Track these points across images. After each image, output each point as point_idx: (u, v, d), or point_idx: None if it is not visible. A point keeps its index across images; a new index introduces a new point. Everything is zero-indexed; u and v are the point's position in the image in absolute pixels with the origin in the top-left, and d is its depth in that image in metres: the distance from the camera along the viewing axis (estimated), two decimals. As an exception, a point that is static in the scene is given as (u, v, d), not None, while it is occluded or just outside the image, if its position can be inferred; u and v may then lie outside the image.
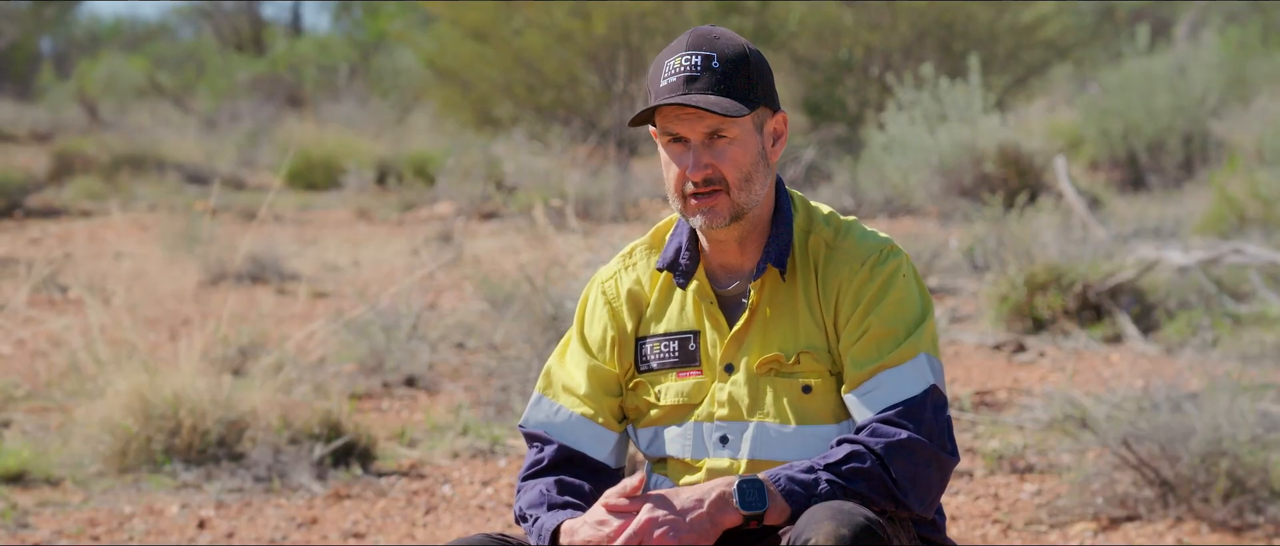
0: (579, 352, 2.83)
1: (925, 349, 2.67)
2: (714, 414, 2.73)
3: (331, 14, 36.72)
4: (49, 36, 35.03)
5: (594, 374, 2.81)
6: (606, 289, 2.84)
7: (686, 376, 2.76)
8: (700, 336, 2.75)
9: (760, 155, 2.69)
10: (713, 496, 2.54)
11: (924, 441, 2.61)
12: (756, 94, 2.68)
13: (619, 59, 15.38)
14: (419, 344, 6.98)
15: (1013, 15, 16.16)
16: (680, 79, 2.66)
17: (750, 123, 2.69)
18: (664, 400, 2.76)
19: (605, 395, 2.81)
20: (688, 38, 2.70)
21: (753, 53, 2.70)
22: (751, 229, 2.73)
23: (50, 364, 6.92)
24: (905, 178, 12.06)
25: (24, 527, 5.03)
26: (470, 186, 13.56)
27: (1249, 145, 13.13)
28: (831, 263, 2.72)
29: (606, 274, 2.85)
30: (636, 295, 2.82)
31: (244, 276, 9.74)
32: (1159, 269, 7.88)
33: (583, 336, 2.84)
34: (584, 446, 2.79)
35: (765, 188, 2.71)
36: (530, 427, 2.81)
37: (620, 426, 2.81)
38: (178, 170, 16.53)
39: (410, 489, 5.48)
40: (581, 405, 2.80)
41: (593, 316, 2.84)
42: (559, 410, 2.81)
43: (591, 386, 2.80)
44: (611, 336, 2.81)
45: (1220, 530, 4.76)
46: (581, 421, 2.79)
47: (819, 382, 2.70)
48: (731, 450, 2.72)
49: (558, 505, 2.71)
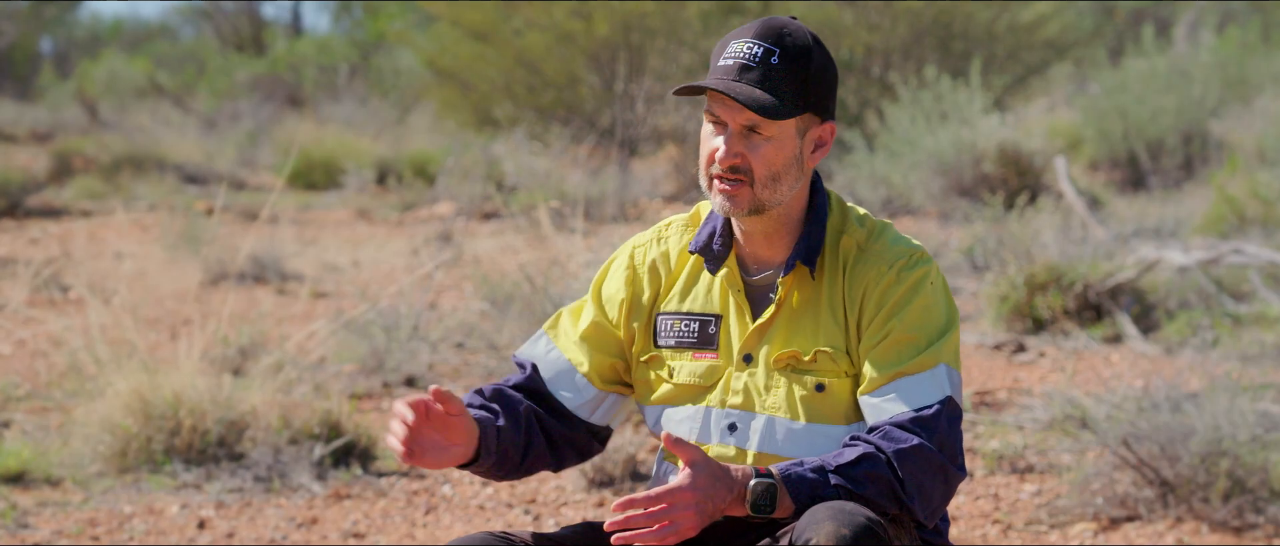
0: (589, 307, 2.85)
1: (946, 360, 2.66)
2: (727, 401, 2.73)
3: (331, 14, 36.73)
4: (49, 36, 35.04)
5: (595, 329, 2.82)
6: (635, 254, 2.85)
7: (702, 358, 2.76)
8: (722, 322, 2.75)
9: (795, 159, 2.67)
10: (736, 487, 2.52)
11: (934, 451, 2.60)
12: (807, 99, 2.65)
13: (619, 59, 15.38)
14: (419, 344, 6.98)
15: (1012, 15, 16.15)
16: (736, 64, 2.64)
17: (792, 126, 2.66)
18: (677, 378, 2.76)
19: (600, 352, 2.82)
20: (758, 24, 2.67)
21: (817, 56, 2.66)
22: (779, 225, 2.72)
23: (50, 364, 6.92)
24: (905, 177, 12.06)
25: (24, 527, 5.03)
26: (470, 186, 13.56)
27: (1249, 145, 13.12)
28: (860, 264, 2.71)
29: (640, 240, 2.86)
30: (660, 267, 2.82)
31: (244, 276, 9.74)
32: (1159, 269, 7.88)
33: (597, 291, 2.86)
34: (561, 388, 2.81)
35: (794, 190, 2.69)
36: (519, 357, 2.85)
37: (604, 386, 2.82)
38: (177, 170, 16.53)
39: (410, 489, 5.48)
40: (572, 351, 2.82)
41: (613, 275, 2.85)
42: (552, 350, 2.83)
43: (588, 339, 2.82)
44: (623, 298, 2.82)
45: (1220, 530, 4.76)
46: (567, 367, 2.81)
47: (833, 382, 2.69)
48: (738, 439, 2.72)
49: (475, 406, 2.73)
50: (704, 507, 2.49)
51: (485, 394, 2.78)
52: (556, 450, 2.82)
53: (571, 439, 2.83)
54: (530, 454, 2.77)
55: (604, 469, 5.38)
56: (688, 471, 2.49)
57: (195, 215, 11.28)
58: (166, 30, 40.20)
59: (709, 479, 2.50)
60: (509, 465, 2.75)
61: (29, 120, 23.64)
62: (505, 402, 2.77)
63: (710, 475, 2.50)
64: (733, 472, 2.52)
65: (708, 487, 2.49)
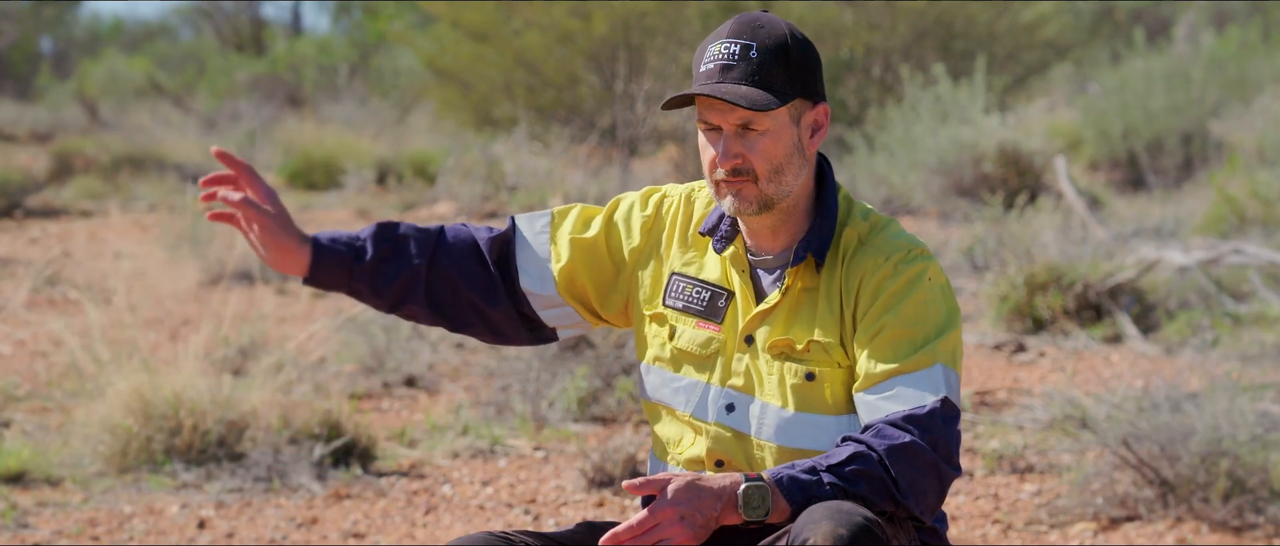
0: (598, 223, 2.84)
1: (943, 360, 2.65)
2: (727, 380, 2.73)
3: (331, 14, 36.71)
4: (49, 36, 35.04)
5: (591, 246, 2.82)
6: (663, 204, 2.84)
7: (705, 328, 2.76)
8: (733, 298, 2.75)
9: (795, 147, 2.68)
10: (727, 497, 2.52)
11: (927, 449, 2.59)
12: (794, 86, 2.66)
13: (619, 59, 15.38)
14: (419, 344, 6.98)
15: (1012, 15, 16.16)
16: (717, 67, 2.66)
17: (785, 115, 2.67)
18: (678, 341, 2.76)
19: (582, 264, 2.81)
20: (731, 24, 2.68)
21: (795, 42, 2.67)
22: (785, 217, 2.73)
23: (50, 364, 6.92)
24: (905, 177, 12.06)
25: (24, 527, 5.03)
26: (470, 186, 13.56)
27: (1249, 145, 13.12)
28: (858, 255, 2.71)
29: (671, 191, 2.85)
30: (680, 225, 2.82)
31: (244, 276, 9.74)
32: (1159, 269, 7.88)
33: (613, 217, 2.85)
34: (526, 266, 2.82)
35: (799, 178, 2.70)
36: (515, 218, 2.85)
37: (564, 295, 2.82)
38: (177, 170, 16.53)
39: (410, 489, 5.48)
40: (560, 244, 2.82)
41: (635, 216, 2.84)
42: (542, 233, 2.84)
43: (578, 247, 2.82)
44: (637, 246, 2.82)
45: (1220, 530, 4.76)
46: (545, 255, 2.82)
47: (823, 372, 2.69)
48: (736, 420, 2.72)
49: (354, 241, 2.77)
50: (692, 519, 2.47)
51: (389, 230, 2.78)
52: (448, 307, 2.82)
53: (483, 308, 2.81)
54: (405, 301, 2.79)
55: (604, 469, 5.38)
56: (665, 487, 2.49)
57: (195, 215, 11.27)
58: (166, 30, 40.19)
59: (688, 490, 2.49)
60: (376, 298, 2.78)
61: (29, 120, 23.65)
62: (397, 244, 2.77)
63: (688, 486, 2.49)
64: (717, 479, 2.51)
65: (688, 498, 2.48)
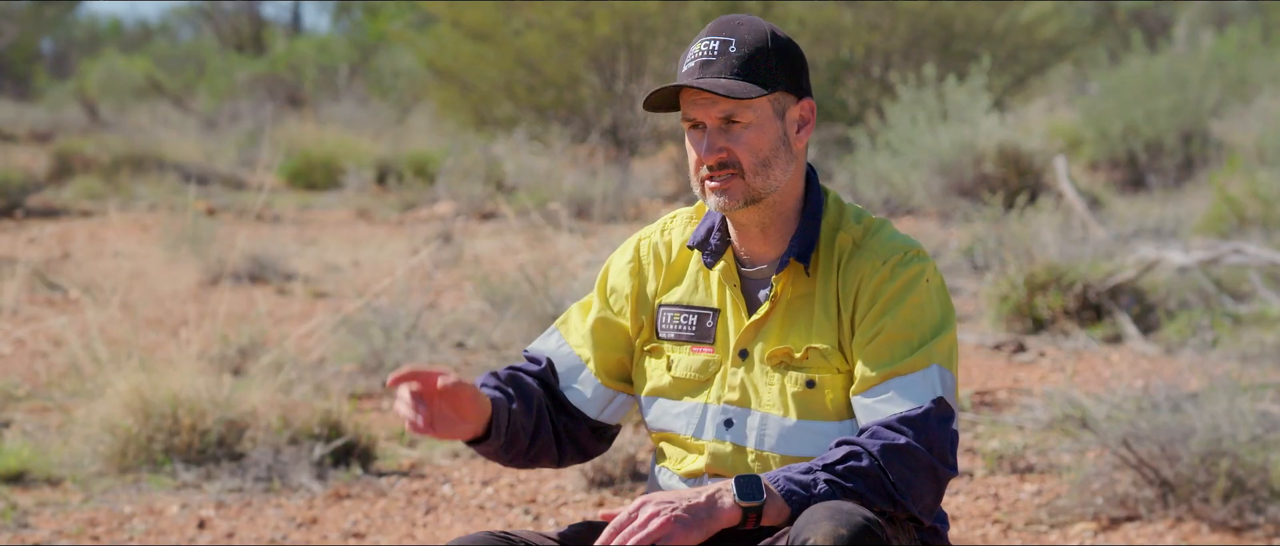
0: (595, 302, 2.86)
1: (938, 361, 2.65)
2: (723, 396, 2.73)
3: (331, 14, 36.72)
4: (49, 36, 35.05)
5: (602, 325, 2.83)
6: (640, 246, 2.86)
7: (700, 352, 2.76)
8: (719, 316, 2.76)
9: (781, 141, 2.69)
10: (710, 489, 2.54)
11: (922, 449, 2.59)
12: (776, 78, 2.67)
13: (620, 59, 15.38)
14: (419, 343, 6.98)
15: (1012, 15, 16.16)
16: (697, 64, 2.67)
17: (769, 107, 2.68)
18: (675, 372, 2.77)
19: (606, 348, 2.82)
20: (712, 24, 2.71)
21: (777, 38, 2.69)
22: (774, 217, 2.73)
23: (50, 364, 6.92)
24: (905, 177, 12.06)
25: (24, 527, 5.03)
26: (470, 186, 13.56)
27: (1249, 145, 13.13)
28: (855, 259, 2.71)
29: (646, 233, 2.87)
30: (662, 257, 2.83)
31: (243, 276, 9.74)
32: (1159, 269, 7.88)
33: (603, 286, 2.87)
34: (572, 383, 2.82)
35: (788, 174, 2.70)
36: (531, 351, 2.86)
37: (613, 383, 2.83)
38: (177, 170, 16.53)
39: (410, 489, 5.47)
40: (581, 348, 2.82)
41: (619, 270, 2.85)
42: (562, 345, 2.84)
43: (595, 334, 2.83)
44: (629, 291, 2.83)
45: (1220, 530, 4.76)
46: (577, 363, 2.82)
47: (824, 378, 2.69)
48: (734, 435, 2.72)
49: (489, 386, 2.75)
50: (680, 516, 2.48)
51: (500, 376, 2.78)
52: (561, 444, 2.82)
53: (575, 435, 2.83)
54: (537, 441, 2.78)
55: (604, 469, 5.38)
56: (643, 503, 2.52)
57: (195, 215, 11.27)
58: (166, 30, 40.22)
59: (662, 492, 2.53)
60: (516, 449, 2.75)
61: (29, 120, 23.65)
62: (519, 386, 2.78)
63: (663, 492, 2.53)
64: (704, 486, 2.54)
65: (663, 497, 2.51)
